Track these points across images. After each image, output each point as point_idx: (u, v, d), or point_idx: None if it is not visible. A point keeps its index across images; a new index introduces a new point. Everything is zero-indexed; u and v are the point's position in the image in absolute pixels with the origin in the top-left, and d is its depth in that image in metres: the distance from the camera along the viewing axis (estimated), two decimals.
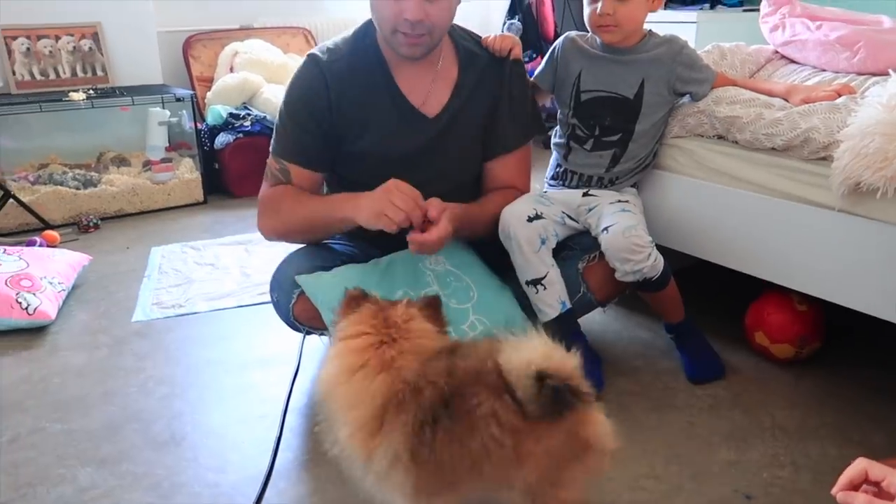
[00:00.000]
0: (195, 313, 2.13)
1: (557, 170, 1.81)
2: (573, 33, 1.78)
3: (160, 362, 1.85)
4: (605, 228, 1.60)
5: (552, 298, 1.62)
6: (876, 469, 0.85)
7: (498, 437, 0.97)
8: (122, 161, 3.41)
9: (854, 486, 0.85)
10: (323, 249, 1.66)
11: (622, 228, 1.57)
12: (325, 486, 1.34)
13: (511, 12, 4.35)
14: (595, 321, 1.93)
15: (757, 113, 1.58)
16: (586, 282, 1.68)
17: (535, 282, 1.61)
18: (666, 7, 3.90)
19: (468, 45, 1.66)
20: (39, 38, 3.26)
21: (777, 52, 1.97)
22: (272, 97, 3.43)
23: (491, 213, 1.65)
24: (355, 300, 1.15)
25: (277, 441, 1.47)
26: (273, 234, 1.64)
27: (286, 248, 1.68)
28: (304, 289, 1.55)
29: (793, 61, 1.91)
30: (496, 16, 4.41)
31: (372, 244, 1.73)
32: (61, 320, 2.09)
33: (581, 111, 1.72)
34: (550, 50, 1.78)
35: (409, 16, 1.42)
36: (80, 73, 3.38)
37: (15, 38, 3.21)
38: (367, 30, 1.61)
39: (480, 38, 1.68)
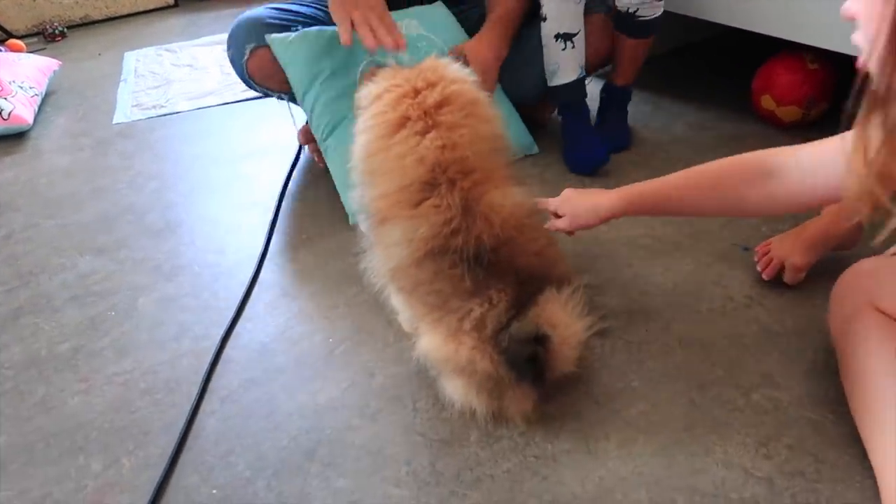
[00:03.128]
0: (177, 112, 2.05)
1: None
2: None
3: (147, 160, 1.80)
4: None
5: (578, 60, 1.52)
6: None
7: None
8: None
9: None
10: (285, 10, 1.54)
11: None
12: (325, 260, 1.34)
13: None
14: None
15: None
16: None
17: (569, 36, 1.49)
18: None
19: None
20: None
21: None
22: None
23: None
24: (373, 73, 1.02)
25: (273, 222, 1.46)
26: None
27: None
28: (273, 49, 1.47)
29: None
30: None
31: None
32: (39, 126, 2.01)
33: None
34: None
35: None
36: None
37: None
38: None
39: None
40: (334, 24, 1.51)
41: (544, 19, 1.50)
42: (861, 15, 0.65)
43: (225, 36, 2.60)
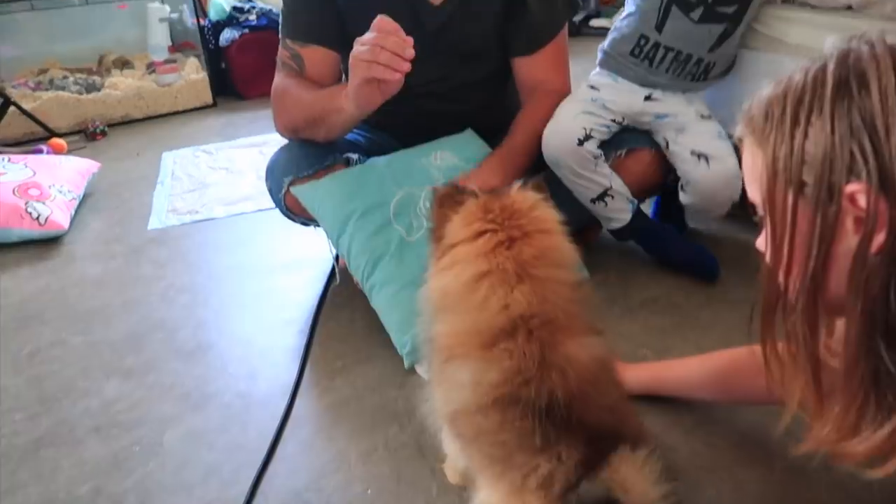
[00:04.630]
0: (212, 219, 2.03)
1: (642, 44, 1.46)
2: None
3: (180, 270, 1.77)
4: (705, 157, 1.44)
5: (622, 203, 1.49)
6: None
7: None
8: (124, 64, 3.23)
9: None
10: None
11: (732, 174, 1.42)
12: (362, 393, 1.27)
13: None
14: None
15: None
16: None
17: (602, 196, 1.47)
18: None
19: None
20: None
21: None
22: None
23: (531, 136, 1.46)
24: (450, 197, 0.94)
25: (307, 347, 1.39)
26: (285, 130, 1.50)
27: None
28: (300, 199, 1.44)
29: None
30: None
31: (384, 132, 1.61)
32: (75, 230, 2.00)
33: None
34: None
35: None
36: None
37: None
38: None
39: None
40: (370, 149, 1.51)
41: (574, 193, 1.48)
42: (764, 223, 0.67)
43: (261, 138, 2.68)
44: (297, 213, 1.50)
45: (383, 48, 1.13)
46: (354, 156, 1.52)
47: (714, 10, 1.42)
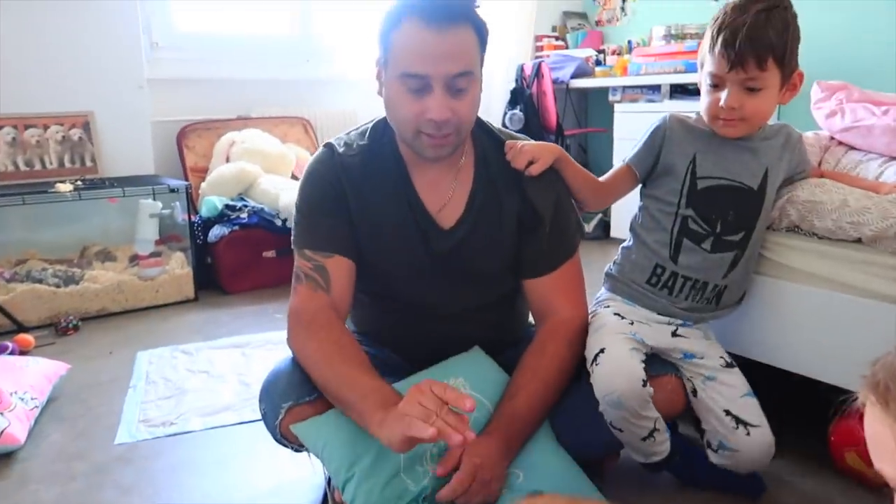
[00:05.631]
0: (189, 432, 1.85)
1: (659, 273, 1.46)
2: (675, 113, 1.50)
3: (147, 497, 1.56)
4: (744, 423, 1.38)
5: (664, 435, 1.40)
6: None
7: None
8: (107, 255, 3.18)
9: None
10: None
11: (770, 442, 1.39)
12: None
13: (512, 103, 4.31)
14: None
15: (841, 199, 1.42)
16: None
17: (651, 433, 1.37)
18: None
19: (486, 150, 1.44)
20: (27, 127, 3.09)
21: (833, 138, 1.84)
22: (270, 188, 3.27)
23: (537, 396, 1.33)
24: None
25: None
26: (296, 355, 1.35)
27: (286, 352, 1.39)
28: (300, 438, 1.30)
29: (853, 148, 1.78)
30: (497, 105, 4.37)
31: (389, 348, 1.52)
32: (32, 444, 1.80)
33: (699, 201, 1.42)
34: (651, 131, 1.48)
35: (434, 115, 1.23)
36: (67, 164, 3.20)
37: (1, 127, 3.04)
38: (385, 126, 1.41)
39: (504, 138, 1.44)
40: (380, 367, 1.39)
41: (623, 431, 1.39)
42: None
43: (244, 338, 2.57)
44: (292, 442, 1.36)
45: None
46: None
47: (722, 239, 1.43)
